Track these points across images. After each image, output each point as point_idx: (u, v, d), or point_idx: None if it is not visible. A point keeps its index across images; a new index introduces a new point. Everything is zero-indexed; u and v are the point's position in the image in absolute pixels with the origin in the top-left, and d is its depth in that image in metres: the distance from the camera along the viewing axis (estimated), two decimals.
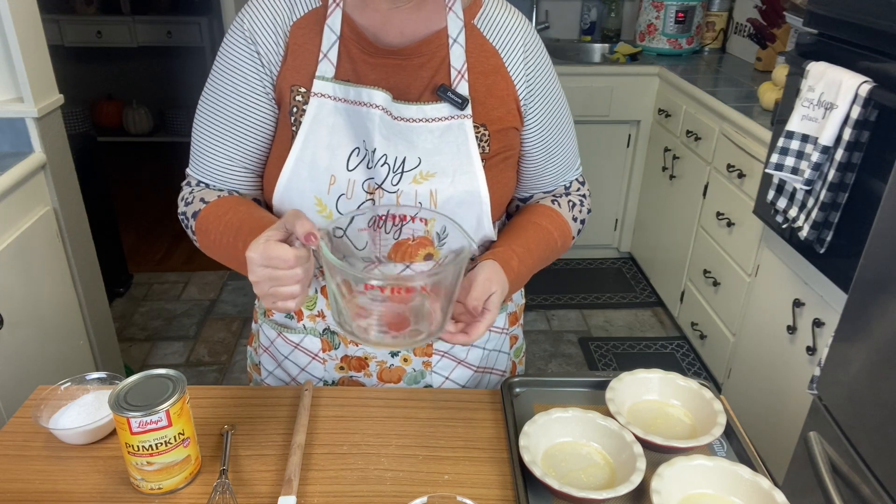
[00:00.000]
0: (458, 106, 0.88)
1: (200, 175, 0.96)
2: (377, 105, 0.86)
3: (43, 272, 1.79)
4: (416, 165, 0.88)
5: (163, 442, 0.78)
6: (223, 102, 0.92)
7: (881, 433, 1.17)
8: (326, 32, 0.89)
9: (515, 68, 0.92)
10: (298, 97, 0.89)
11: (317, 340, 1.01)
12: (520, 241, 0.93)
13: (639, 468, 0.79)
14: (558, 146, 1.00)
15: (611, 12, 3.37)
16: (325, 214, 0.89)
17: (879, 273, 1.20)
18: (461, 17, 0.90)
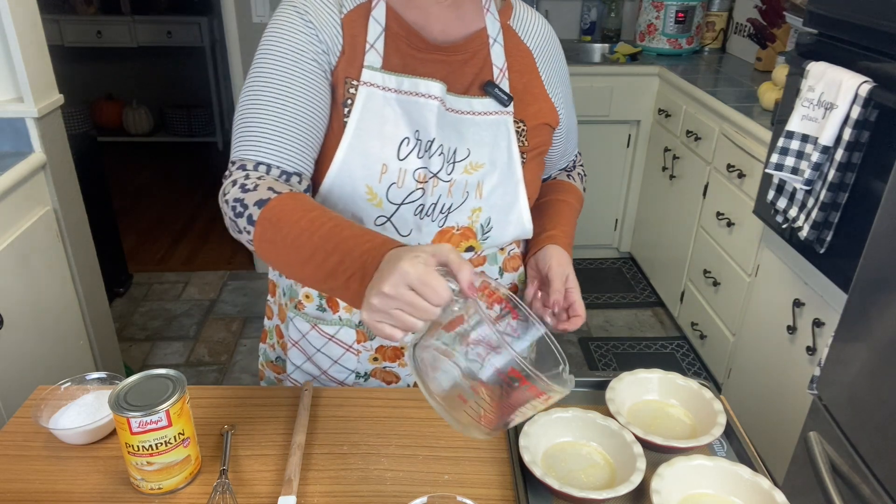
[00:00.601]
0: (503, 102, 0.92)
1: (261, 155, 0.86)
2: (434, 96, 0.89)
3: (43, 272, 1.79)
4: (466, 156, 0.91)
5: (163, 442, 0.78)
6: (287, 81, 0.87)
7: (881, 433, 1.17)
8: (372, 24, 0.91)
9: (544, 66, 0.99)
10: (351, 89, 0.90)
11: (352, 332, 1.01)
12: (562, 221, 1.03)
13: (639, 468, 0.79)
14: (571, 135, 1.09)
15: (611, 12, 3.37)
16: (376, 203, 0.90)
17: (879, 273, 1.20)
18: (498, 18, 0.95)
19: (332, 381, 1.04)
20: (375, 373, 1.03)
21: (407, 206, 0.90)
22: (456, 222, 0.92)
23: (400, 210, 0.90)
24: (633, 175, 3.18)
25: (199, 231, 3.71)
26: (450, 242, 0.93)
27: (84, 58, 4.65)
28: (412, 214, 0.91)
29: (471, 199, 0.92)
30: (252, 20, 2.80)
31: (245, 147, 0.87)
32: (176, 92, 4.89)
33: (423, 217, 0.91)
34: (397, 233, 0.92)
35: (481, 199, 0.92)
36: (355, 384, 1.04)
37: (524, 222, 0.96)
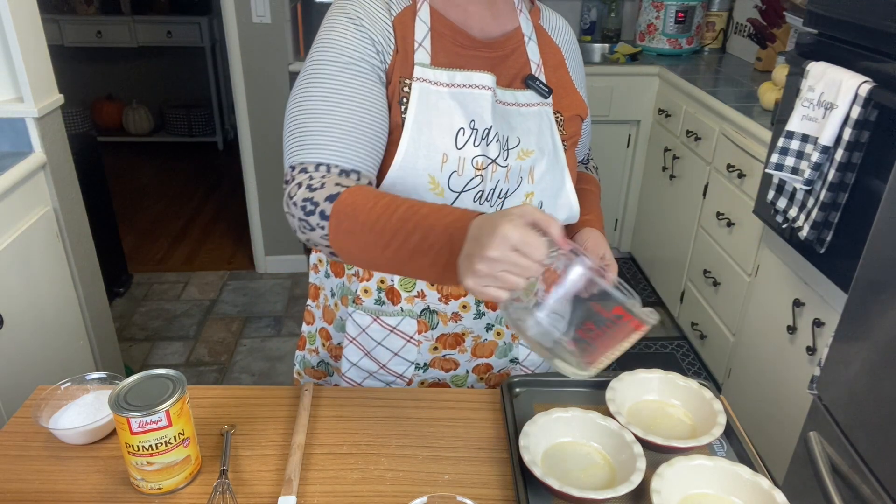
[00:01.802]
0: (544, 94, 0.99)
1: (320, 156, 0.87)
2: (487, 86, 0.94)
3: (43, 272, 1.79)
4: (517, 144, 0.96)
5: (163, 442, 0.78)
6: (341, 85, 0.89)
7: (881, 433, 1.17)
8: (419, 24, 0.95)
9: (570, 63, 1.06)
10: (406, 88, 0.94)
11: (413, 322, 1.02)
12: (592, 207, 1.10)
13: (639, 468, 0.79)
14: (586, 130, 1.13)
15: (611, 12, 3.37)
16: (438, 192, 0.93)
17: (879, 273, 1.20)
18: (530, 18, 1.02)
19: (391, 374, 1.06)
20: (435, 362, 1.05)
21: (467, 194, 0.94)
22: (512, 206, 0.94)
23: (461, 197, 0.94)
24: (633, 175, 3.18)
25: (199, 231, 3.71)
26: None
27: (84, 58, 4.65)
28: (472, 201, 0.95)
29: (524, 184, 0.97)
30: (252, 20, 2.80)
31: (303, 151, 0.88)
32: (176, 92, 4.89)
33: (483, 203, 0.95)
34: None
35: (533, 183, 0.97)
36: (414, 376, 1.06)
37: (572, 205, 1.01)
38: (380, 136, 0.92)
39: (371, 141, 0.90)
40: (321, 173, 0.86)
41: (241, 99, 2.92)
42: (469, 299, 1.01)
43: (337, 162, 0.87)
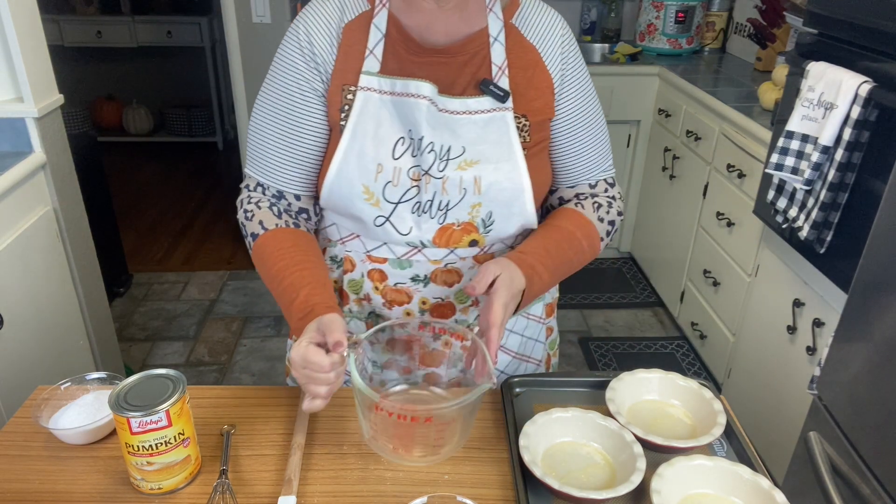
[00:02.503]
0: (500, 99, 0.93)
1: (258, 174, 1.00)
2: (424, 96, 0.91)
3: (43, 272, 1.79)
4: (461, 153, 0.93)
5: (163, 442, 0.78)
6: (280, 107, 0.96)
7: (881, 433, 1.17)
8: (373, 30, 0.94)
9: (553, 61, 0.98)
10: (349, 95, 0.94)
11: (362, 324, 1.05)
12: (534, 242, 0.97)
13: (639, 468, 0.79)
14: (585, 141, 1.03)
15: (611, 12, 3.37)
16: (373, 202, 0.93)
17: (879, 273, 1.20)
18: (501, 17, 0.96)
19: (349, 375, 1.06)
20: (389, 364, 1.05)
21: (404, 205, 0.93)
22: (456, 218, 0.94)
23: (398, 209, 0.93)
24: (633, 175, 3.18)
25: (199, 231, 3.71)
26: (451, 237, 0.96)
27: (84, 58, 4.65)
28: (410, 212, 0.94)
29: (469, 196, 0.93)
30: (252, 20, 2.80)
31: (252, 164, 1.01)
32: (176, 92, 4.89)
33: (422, 214, 0.94)
34: (397, 231, 0.95)
35: (480, 194, 0.93)
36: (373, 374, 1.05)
37: (528, 214, 0.97)
38: (317, 159, 0.99)
39: (307, 165, 0.98)
40: (258, 194, 1.01)
41: (241, 99, 2.92)
42: (413, 307, 1.01)
43: (272, 184, 0.99)
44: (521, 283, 0.90)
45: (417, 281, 0.99)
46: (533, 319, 1.10)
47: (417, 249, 0.97)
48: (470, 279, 1.00)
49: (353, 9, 0.95)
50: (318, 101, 0.95)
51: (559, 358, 1.33)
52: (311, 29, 0.95)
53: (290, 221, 1.00)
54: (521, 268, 0.91)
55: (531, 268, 0.92)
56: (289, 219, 1.00)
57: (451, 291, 1.00)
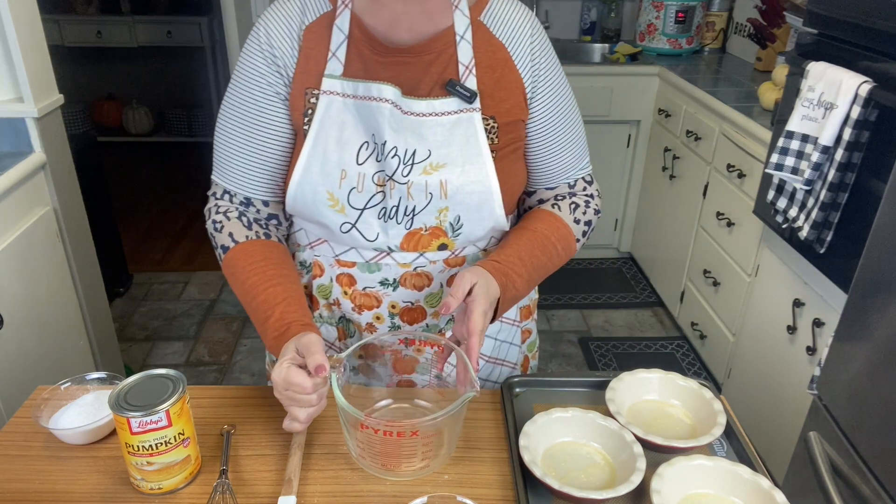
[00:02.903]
0: (467, 99, 0.91)
1: (223, 181, 0.99)
2: (387, 99, 0.89)
3: (43, 272, 1.79)
4: (426, 157, 0.90)
5: (163, 442, 0.78)
6: (243, 113, 0.95)
7: (881, 433, 1.17)
8: (335, 32, 0.92)
9: (522, 61, 0.94)
10: (312, 99, 0.92)
11: (333, 329, 1.04)
12: (508, 250, 0.94)
13: (639, 468, 0.79)
14: (562, 142, 1.00)
15: (611, 12, 3.37)
16: (338, 209, 0.92)
17: (879, 273, 1.20)
18: (467, 14, 0.92)
19: None
20: (361, 368, 1.04)
21: (369, 211, 0.92)
22: (423, 223, 0.93)
23: (363, 215, 0.92)
24: (633, 175, 3.18)
25: (199, 231, 3.71)
26: (420, 242, 0.94)
27: (84, 58, 4.65)
28: (376, 218, 0.92)
29: (436, 200, 0.91)
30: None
31: (218, 171, 1.00)
32: (176, 92, 4.89)
33: (388, 220, 0.92)
34: (363, 238, 0.94)
35: (447, 198, 0.91)
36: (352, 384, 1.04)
37: (498, 217, 0.94)
38: (283, 165, 0.98)
39: (273, 171, 0.98)
40: (226, 203, 1.00)
41: None
42: (382, 311, 0.99)
43: (239, 191, 0.99)
44: (497, 292, 0.88)
45: (387, 285, 0.98)
46: (506, 323, 1.08)
47: (386, 253, 0.96)
48: (441, 283, 0.99)
49: (315, 10, 0.93)
50: (281, 104, 0.94)
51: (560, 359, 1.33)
52: (271, 31, 0.93)
53: (260, 232, 0.99)
54: (496, 276, 0.89)
55: (505, 276, 0.90)
56: (259, 228, 0.99)
57: (422, 295, 0.99)
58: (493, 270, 0.90)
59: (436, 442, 0.83)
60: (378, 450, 0.81)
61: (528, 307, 1.12)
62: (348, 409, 0.78)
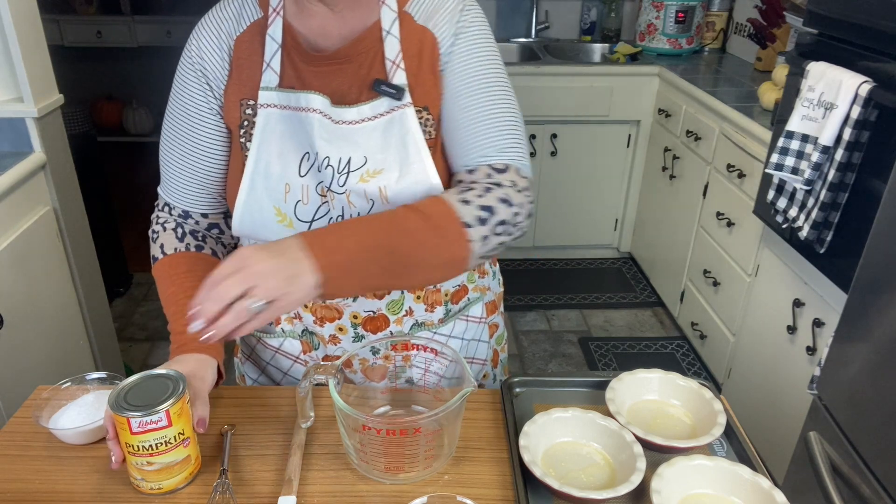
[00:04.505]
0: (395, 97, 0.87)
1: (165, 194, 1.02)
2: (315, 109, 0.87)
3: (43, 272, 1.79)
4: (363, 164, 0.88)
5: (163, 442, 0.78)
6: (176, 127, 0.96)
7: (881, 433, 1.17)
8: (268, 42, 0.90)
9: (445, 38, 0.89)
10: (248, 110, 0.91)
11: (296, 342, 1.03)
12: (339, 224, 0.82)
13: (639, 468, 0.79)
14: (464, 121, 0.89)
15: (611, 12, 3.37)
16: (286, 224, 0.90)
17: (879, 273, 1.20)
18: (395, 7, 0.89)
19: None
20: None
21: (318, 222, 0.90)
22: None
23: (313, 227, 0.90)
24: (633, 175, 3.18)
25: None
26: None
27: (84, 58, 4.65)
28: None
29: (378, 206, 0.89)
30: None
31: (161, 184, 1.03)
32: None
33: None
34: None
35: (388, 203, 0.88)
36: None
37: None
38: (221, 178, 0.99)
39: (210, 184, 0.99)
40: (165, 214, 1.02)
41: None
42: (345, 322, 0.98)
43: (177, 204, 1.01)
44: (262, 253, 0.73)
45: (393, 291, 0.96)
46: (473, 321, 1.06)
47: None
48: (402, 292, 0.97)
49: (248, 17, 0.91)
50: (212, 119, 0.94)
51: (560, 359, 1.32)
52: (202, 44, 0.92)
53: (192, 244, 0.99)
54: (312, 243, 0.75)
55: (323, 243, 0.76)
56: (192, 240, 1.00)
57: (383, 303, 0.97)
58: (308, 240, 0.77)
59: (437, 441, 0.83)
60: (381, 451, 0.81)
61: (494, 302, 1.11)
62: (350, 412, 0.77)
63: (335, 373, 0.83)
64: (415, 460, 0.82)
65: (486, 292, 1.09)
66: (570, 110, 2.98)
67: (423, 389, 0.97)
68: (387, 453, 0.81)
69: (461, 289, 1.03)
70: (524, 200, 0.88)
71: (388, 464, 0.82)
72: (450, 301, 1.02)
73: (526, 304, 3.03)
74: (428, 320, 1.01)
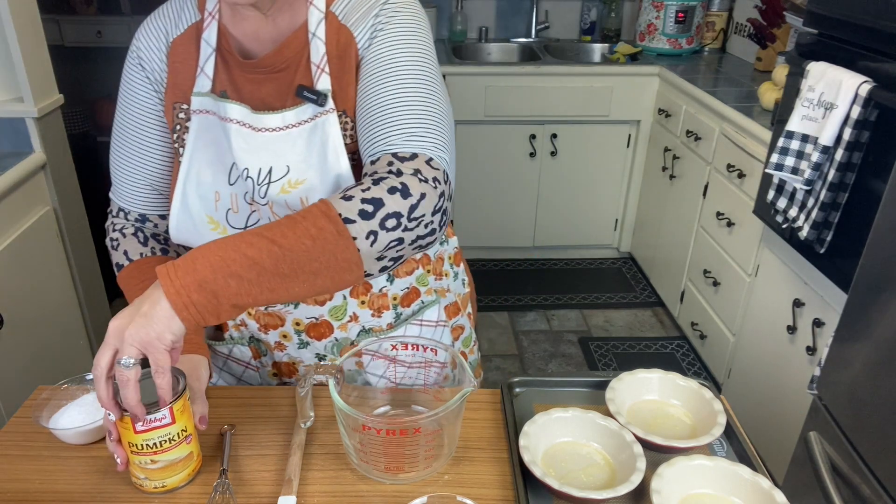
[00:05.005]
0: (317, 103, 0.84)
1: (117, 198, 1.01)
2: (233, 119, 0.85)
3: (43, 272, 1.79)
4: (285, 174, 0.84)
5: (167, 439, 0.78)
6: (124, 129, 0.95)
7: (881, 433, 1.17)
8: (203, 46, 0.88)
9: (363, 42, 0.85)
10: (181, 114, 0.90)
11: (246, 349, 1.03)
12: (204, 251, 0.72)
13: (639, 468, 0.79)
14: (370, 111, 0.81)
15: (611, 12, 3.37)
16: (220, 232, 0.89)
17: (879, 273, 1.20)
18: (322, 8, 0.85)
19: None
20: None
21: None
22: None
23: None
24: (633, 175, 3.18)
25: None
26: None
27: (84, 58, 4.65)
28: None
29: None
30: None
31: (113, 189, 1.02)
32: None
33: None
34: None
35: None
36: None
37: None
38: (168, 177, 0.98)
39: (161, 187, 0.98)
40: (122, 220, 1.02)
41: None
42: (288, 329, 0.98)
43: (132, 208, 1.00)
44: None
45: (287, 303, 0.95)
46: (427, 325, 1.04)
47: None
48: (343, 295, 0.95)
49: (186, 20, 0.89)
50: (157, 121, 0.93)
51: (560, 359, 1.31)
52: (142, 44, 0.91)
53: (157, 248, 0.98)
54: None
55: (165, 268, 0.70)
56: (156, 244, 0.99)
57: (325, 310, 0.96)
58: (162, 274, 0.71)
59: (437, 441, 0.83)
60: (381, 451, 0.81)
61: (456, 303, 1.09)
62: (350, 412, 0.77)
63: (335, 373, 0.83)
64: (415, 460, 0.82)
65: (446, 294, 1.07)
66: (570, 110, 2.99)
67: (424, 389, 0.97)
68: (387, 453, 0.81)
69: (411, 291, 1.01)
70: (429, 191, 0.75)
71: (388, 464, 0.82)
72: (399, 305, 1.00)
73: (526, 304, 3.03)
74: (376, 325, 1.00)
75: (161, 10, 0.92)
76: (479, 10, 3.39)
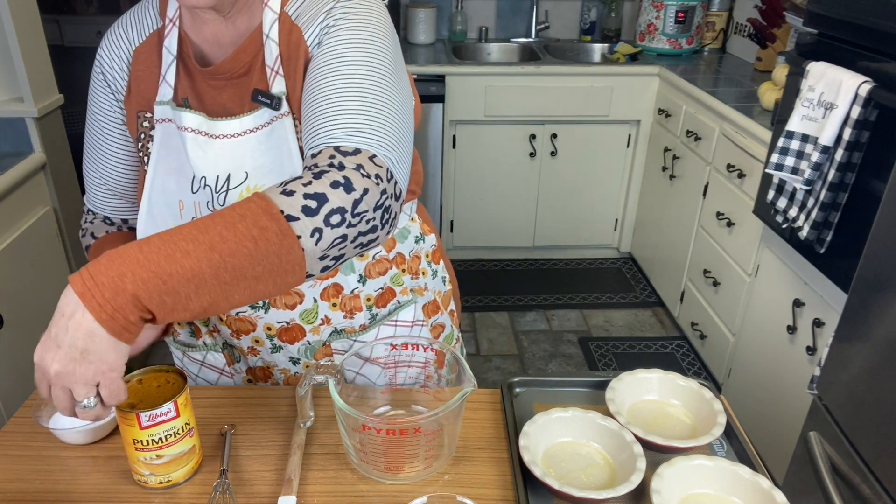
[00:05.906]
0: (272, 106, 0.82)
1: (88, 202, 1.04)
2: (188, 127, 0.84)
3: (43, 272, 1.79)
4: (243, 181, 0.83)
5: (172, 433, 0.79)
6: (89, 138, 0.97)
7: (881, 433, 1.17)
8: (165, 54, 0.87)
9: (312, 39, 0.82)
10: (145, 123, 0.90)
11: (220, 356, 1.03)
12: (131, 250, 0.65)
13: (639, 468, 0.79)
14: (316, 107, 0.77)
15: (611, 12, 3.37)
16: None
17: (879, 273, 1.20)
18: (276, 9, 0.83)
19: None
20: None
21: None
22: None
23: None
24: (633, 175, 3.18)
25: None
26: None
27: (84, 58, 4.65)
28: None
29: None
30: None
31: (86, 193, 1.03)
32: None
33: None
34: None
35: None
36: None
37: None
38: (134, 187, 1.00)
39: (125, 193, 1.01)
40: (90, 219, 1.04)
41: None
42: (259, 334, 0.97)
43: (99, 210, 1.03)
44: None
45: (257, 308, 0.94)
46: (403, 325, 1.02)
47: None
48: (314, 297, 0.93)
49: (149, 26, 0.89)
50: (119, 129, 0.94)
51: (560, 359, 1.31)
52: (104, 53, 0.91)
53: (124, 227, 1.03)
54: None
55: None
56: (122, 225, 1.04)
57: (296, 313, 0.95)
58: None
59: (437, 441, 0.83)
60: (381, 451, 0.81)
61: (436, 301, 1.07)
62: (349, 412, 0.77)
63: (335, 373, 0.83)
64: (415, 460, 0.82)
65: (424, 293, 1.05)
66: (570, 110, 2.99)
67: (424, 389, 0.97)
68: (387, 453, 0.81)
69: (385, 291, 0.99)
70: (371, 187, 0.70)
71: (388, 464, 0.82)
72: (374, 306, 0.99)
73: (526, 304, 3.03)
74: (348, 327, 0.98)
75: (125, 17, 0.92)
76: (479, 10, 3.39)
